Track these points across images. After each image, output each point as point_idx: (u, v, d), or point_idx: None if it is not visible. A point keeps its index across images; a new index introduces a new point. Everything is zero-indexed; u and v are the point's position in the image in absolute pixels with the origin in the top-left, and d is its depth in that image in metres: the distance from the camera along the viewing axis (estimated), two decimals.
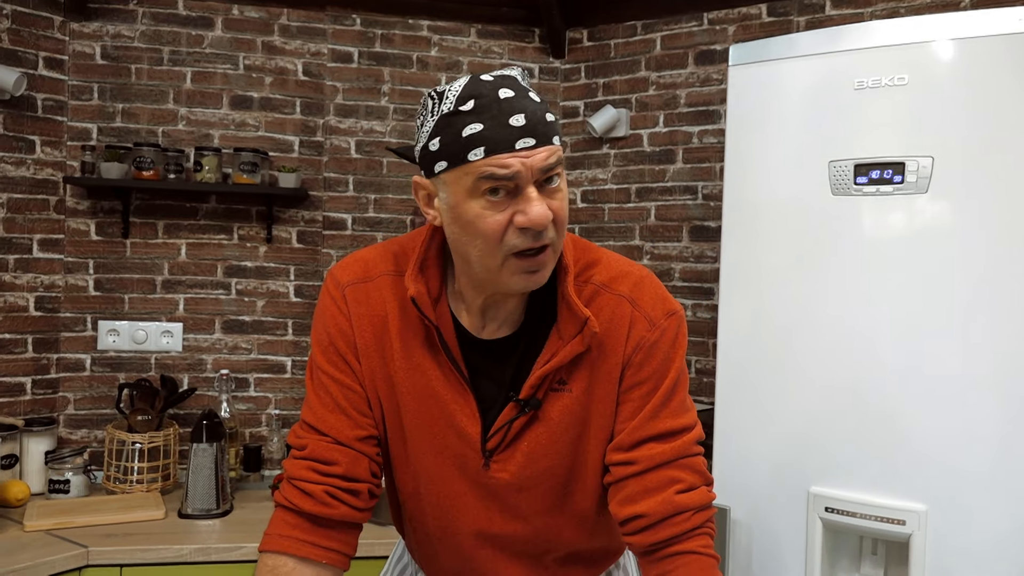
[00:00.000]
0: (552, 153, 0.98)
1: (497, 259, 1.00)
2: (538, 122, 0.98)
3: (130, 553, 2.04)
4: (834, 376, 1.77)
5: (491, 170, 0.96)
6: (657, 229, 2.74)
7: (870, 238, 1.73)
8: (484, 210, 0.98)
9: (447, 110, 0.98)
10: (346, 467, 1.11)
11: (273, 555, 1.09)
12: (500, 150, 0.96)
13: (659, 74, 2.74)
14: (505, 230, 0.98)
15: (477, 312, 1.11)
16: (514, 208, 0.98)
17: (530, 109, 0.98)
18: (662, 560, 1.07)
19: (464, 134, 0.97)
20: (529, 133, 0.97)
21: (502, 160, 0.96)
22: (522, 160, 0.96)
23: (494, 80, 0.99)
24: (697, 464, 1.11)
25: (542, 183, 0.99)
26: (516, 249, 0.99)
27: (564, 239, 1.05)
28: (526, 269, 1.01)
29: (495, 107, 0.97)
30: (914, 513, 1.66)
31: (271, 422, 2.71)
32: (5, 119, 2.45)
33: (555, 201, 1.00)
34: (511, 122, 0.96)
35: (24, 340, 2.53)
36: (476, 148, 0.96)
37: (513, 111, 0.97)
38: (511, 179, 0.96)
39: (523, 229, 0.98)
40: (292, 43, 2.74)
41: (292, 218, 2.75)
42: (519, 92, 0.99)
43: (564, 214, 1.02)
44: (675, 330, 1.12)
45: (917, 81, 1.68)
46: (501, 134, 0.96)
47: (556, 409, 1.11)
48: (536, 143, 0.97)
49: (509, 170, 0.96)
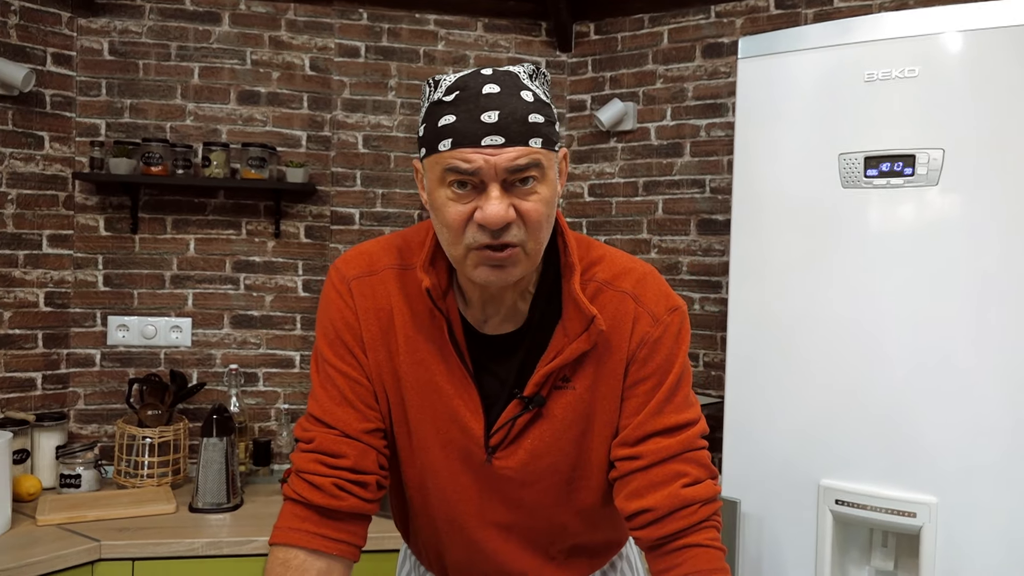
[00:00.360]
0: (524, 155, 0.97)
1: (460, 250, 1.01)
2: (514, 121, 0.96)
3: (142, 547, 2.05)
4: (844, 369, 1.77)
5: (454, 163, 0.96)
6: (665, 223, 2.74)
7: (880, 231, 1.73)
8: (449, 200, 0.99)
9: (436, 99, 0.99)
10: (354, 460, 1.11)
11: (284, 548, 1.09)
12: (465, 144, 0.96)
13: (666, 67, 2.73)
14: (466, 222, 0.99)
15: (478, 306, 1.11)
16: (476, 203, 0.98)
17: (509, 108, 0.96)
18: (670, 554, 1.08)
19: (439, 124, 0.98)
20: (499, 131, 0.96)
21: (465, 154, 0.96)
22: (486, 157, 0.95)
23: (490, 75, 0.99)
24: (702, 458, 1.11)
25: (513, 183, 0.98)
26: (476, 244, 0.99)
27: (540, 240, 1.03)
28: (487, 262, 1.00)
29: (472, 101, 0.96)
30: (924, 505, 1.66)
31: (280, 416, 2.72)
32: (14, 115, 2.45)
33: (526, 203, 0.99)
34: (483, 118, 0.96)
35: (34, 336, 2.54)
36: (445, 139, 0.97)
37: (489, 107, 0.96)
38: (473, 174, 0.96)
39: (481, 226, 0.98)
40: (299, 38, 2.74)
41: (300, 213, 2.75)
42: (508, 89, 0.98)
43: (537, 216, 1.00)
44: (678, 325, 1.12)
45: (928, 73, 1.68)
46: (469, 128, 0.96)
47: (560, 406, 1.11)
48: (505, 142, 0.96)
49: (471, 165, 0.96)
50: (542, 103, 1.00)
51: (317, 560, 1.09)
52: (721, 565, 1.08)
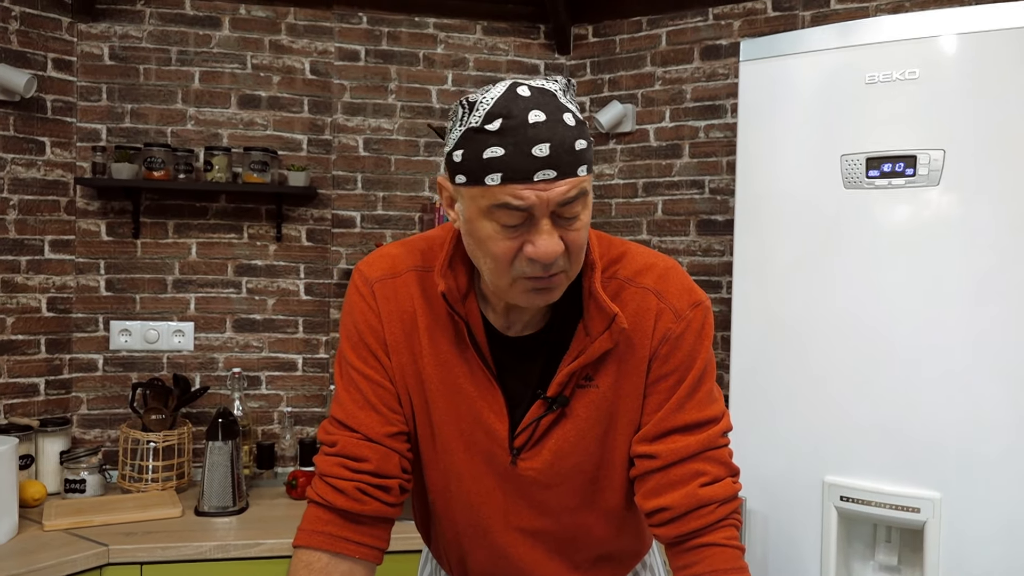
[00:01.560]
0: (574, 186, 0.94)
1: (506, 280, 1.00)
2: (564, 152, 0.93)
3: (151, 551, 2.06)
4: (847, 367, 1.79)
5: (506, 199, 0.93)
6: (664, 223, 2.76)
7: (882, 231, 1.76)
8: (495, 233, 0.96)
9: (474, 123, 0.94)
10: (376, 464, 1.11)
11: (307, 551, 1.10)
12: (517, 179, 0.92)
13: (665, 69, 2.75)
14: (514, 256, 0.97)
15: (502, 312, 1.11)
16: (525, 237, 0.96)
17: (558, 138, 0.93)
18: (688, 552, 1.09)
19: (484, 156, 0.93)
20: (551, 165, 0.92)
21: (517, 191, 0.92)
22: (538, 193, 0.93)
23: (530, 97, 0.94)
24: (723, 456, 1.11)
25: (560, 214, 0.96)
26: (524, 275, 0.98)
27: (581, 262, 1.03)
28: (535, 288, 1.00)
29: (520, 132, 0.92)
30: (928, 501, 1.69)
31: (283, 420, 2.72)
32: (15, 121, 2.45)
33: (571, 232, 0.97)
34: (534, 152, 0.91)
35: (37, 341, 2.54)
36: (494, 173, 0.93)
37: (539, 139, 0.92)
38: (525, 211, 0.94)
39: (531, 260, 0.96)
40: (299, 42, 2.75)
41: (301, 216, 2.76)
42: (552, 116, 0.93)
43: (580, 243, 0.99)
44: (701, 321, 1.11)
45: (928, 75, 1.71)
46: (521, 163, 0.92)
47: (583, 405, 1.11)
48: (557, 175, 0.93)
49: (524, 202, 0.93)
50: (581, 124, 0.97)
51: (340, 563, 1.09)
52: (738, 564, 1.08)
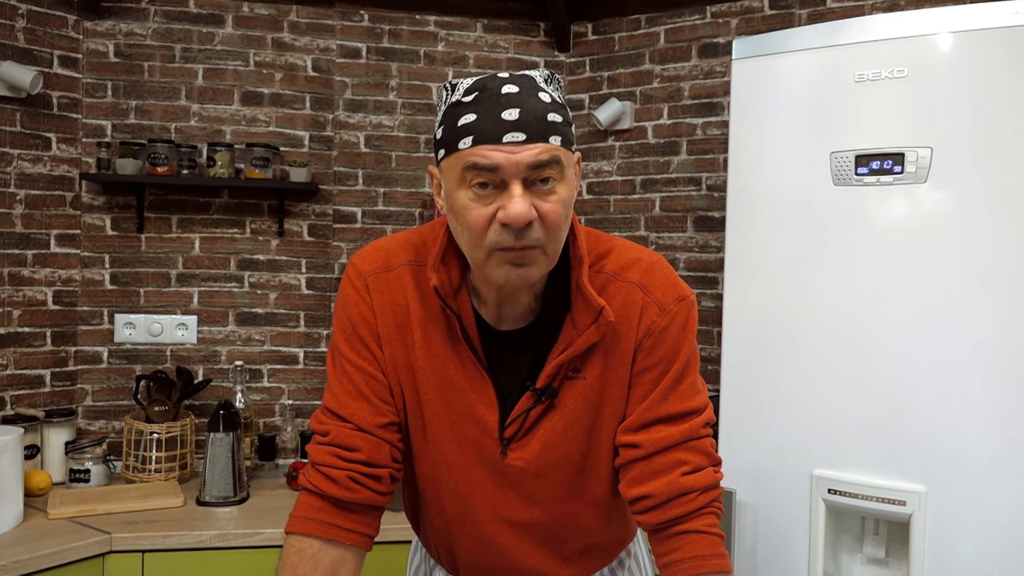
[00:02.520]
0: (546, 151, 0.97)
1: (482, 252, 1.02)
2: (534, 119, 0.97)
3: (152, 539, 2.10)
4: (836, 361, 1.81)
5: (474, 159, 0.97)
6: (662, 220, 2.78)
7: (871, 227, 1.78)
8: (470, 201, 0.99)
9: (454, 100, 1.00)
10: (368, 453, 1.13)
11: (299, 537, 1.12)
12: (486, 140, 0.96)
13: (663, 67, 2.78)
14: (488, 224, 0.99)
15: (493, 306, 1.13)
16: (498, 203, 0.98)
17: (529, 105, 0.97)
18: (669, 539, 1.12)
19: (459, 123, 0.98)
20: (520, 128, 0.96)
21: (485, 151, 0.96)
22: (507, 154, 0.96)
23: (507, 77, 1.00)
24: (704, 445, 1.14)
25: (534, 182, 0.98)
26: (499, 245, 1.00)
27: (559, 241, 1.04)
28: (510, 261, 1.01)
29: (492, 100, 0.97)
30: (914, 494, 1.71)
31: (285, 412, 2.76)
32: (22, 117, 2.50)
33: (546, 203, 0.99)
34: (503, 115, 0.96)
35: (43, 333, 2.58)
36: (466, 136, 0.97)
37: (509, 105, 0.97)
38: (493, 171, 0.97)
39: (504, 225, 0.98)
40: (301, 39, 2.78)
41: (303, 212, 2.80)
42: (526, 89, 0.99)
43: (556, 218, 1.00)
44: (685, 314, 1.14)
45: (916, 73, 1.73)
46: (490, 125, 0.96)
47: (571, 397, 1.13)
48: (527, 139, 0.96)
49: (490, 161, 0.96)
50: (559, 104, 1.02)
51: (331, 549, 1.12)
52: (718, 551, 1.10)
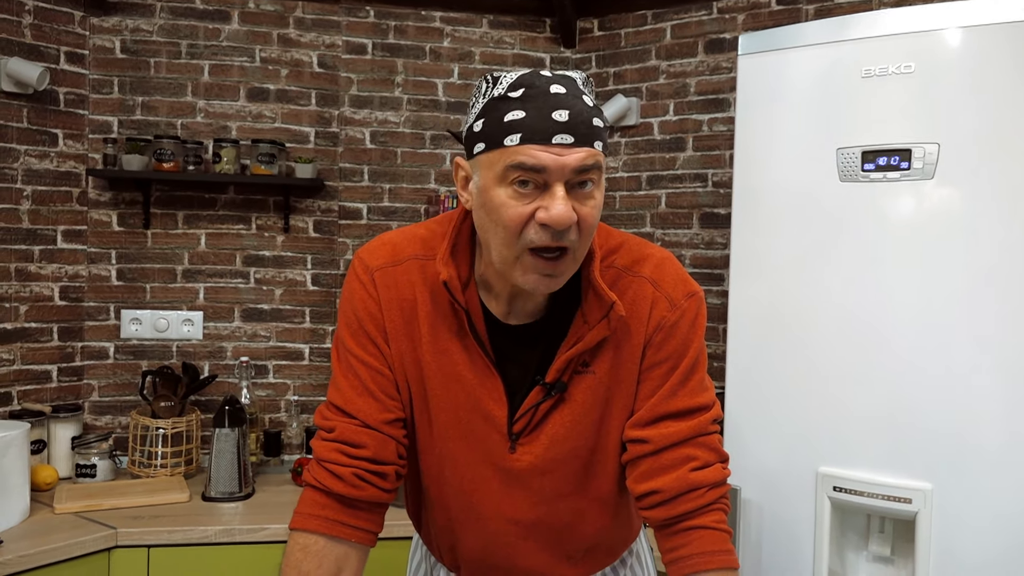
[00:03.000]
0: (590, 155, 0.97)
1: (513, 251, 1.01)
2: (582, 122, 0.97)
3: (157, 534, 2.11)
4: (842, 358, 1.80)
5: (522, 159, 0.96)
6: (668, 216, 2.78)
7: (877, 223, 1.77)
8: (509, 199, 0.98)
9: (497, 94, 0.99)
10: (374, 450, 1.13)
11: (304, 533, 1.12)
12: (536, 140, 0.96)
13: (669, 63, 2.77)
14: (526, 223, 0.98)
15: (504, 300, 1.12)
16: (539, 203, 0.97)
17: (577, 108, 0.97)
18: (676, 534, 1.11)
19: (506, 119, 0.97)
20: (569, 130, 0.96)
21: (534, 151, 0.96)
22: (555, 156, 0.96)
23: (551, 76, 1.00)
24: (713, 442, 1.13)
25: (574, 185, 0.98)
26: (533, 244, 0.99)
27: (588, 245, 1.04)
28: (540, 271, 1.01)
29: (542, 98, 0.97)
30: (920, 492, 1.70)
31: (290, 408, 2.77)
32: (29, 113, 2.50)
33: (584, 207, 0.99)
34: (554, 115, 0.96)
35: (50, 329, 2.59)
36: (513, 134, 0.96)
37: (559, 106, 0.96)
38: (540, 172, 0.96)
39: (543, 225, 0.97)
40: (307, 35, 2.78)
41: (308, 208, 2.80)
42: (572, 91, 0.99)
43: (592, 222, 1.01)
44: (695, 310, 1.14)
45: (923, 69, 1.71)
46: (540, 125, 0.96)
47: (580, 391, 1.13)
48: (575, 142, 0.96)
49: (538, 161, 0.96)
50: (599, 109, 1.02)
51: (336, 546, 1.11)
52: (725, 547, 1.10)
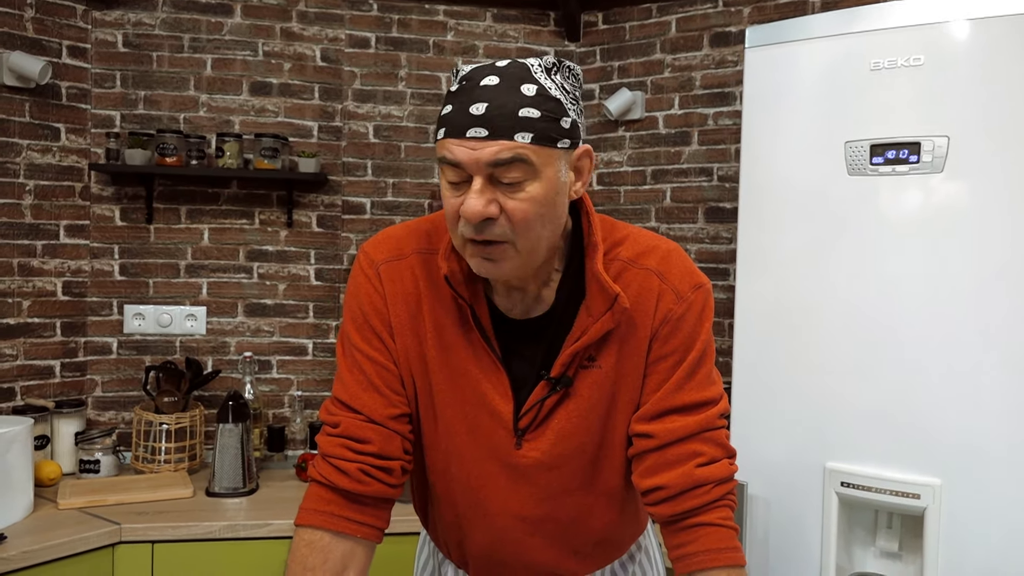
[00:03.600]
0: (507, 149, 0.94)
1: (457, 240, 1.03)
2: (500, 115, 0.94)
3: (161, 530, 2.10)
4: (850, 354, 1.79)
5: (443, 153, 0.98)
6: (673, 211, 2.76)
7: (886, 217, 1.75)
8: (446, 191, 1.00)
9: (451, 87, 1.01)
10: (379, 445, 1.12)
11: (309, 529, 1.11)
12: (452, 135, 0.96)
13: (674, 56, 2.75)
14: (457, 215, 0.99)
15: (503, 293, 1.11)
16: (463, 196, 0.98)
17: (499, 100, 0.94)
18: (682, 531, 1.10)
19: (442, 112, 0.99)
20: (484, 123, 0.94)
21: (451, 145, 0.96)
22: (468, 150, 0.95)
23: (502, 66, 0.98)
24: (719, 437, 1.12)
25: (500, 179, 0.96)
26: (465, 236, 1.00)
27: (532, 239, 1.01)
28: (479, 254, 1.01)
29: (467, 93, 0.96)
30: (928, 487, 1.69)
31: (294, 403, 2.76)
32: (31, 107, 2.49)
33: (511, 200, 0.97)
34: (471, 109, 0.95)
35: (53, 324, 2.58)
36: (440, 128, 0.99)
37: (480, 99, 0.95)
38: (457, 166, 0.97)
39: (463, 218, 0.98)
40: (310, 29, 2.77)
41: (312, 202, 2.79)
42: (505, 82, 0.96)
43: (523, 215, 0.97)
44: (702, 303, 1.13)
45: (933, 61, 1.70)
46: (457, 120, 0.96)
47: (586, 386, 1.12)
48: (489, 135, 0.94)
49: (453, 156, 0.96)
50: (546, 98, 0.97)
51: (342, 542, 1.10)
52: (732, 544, 1.09)
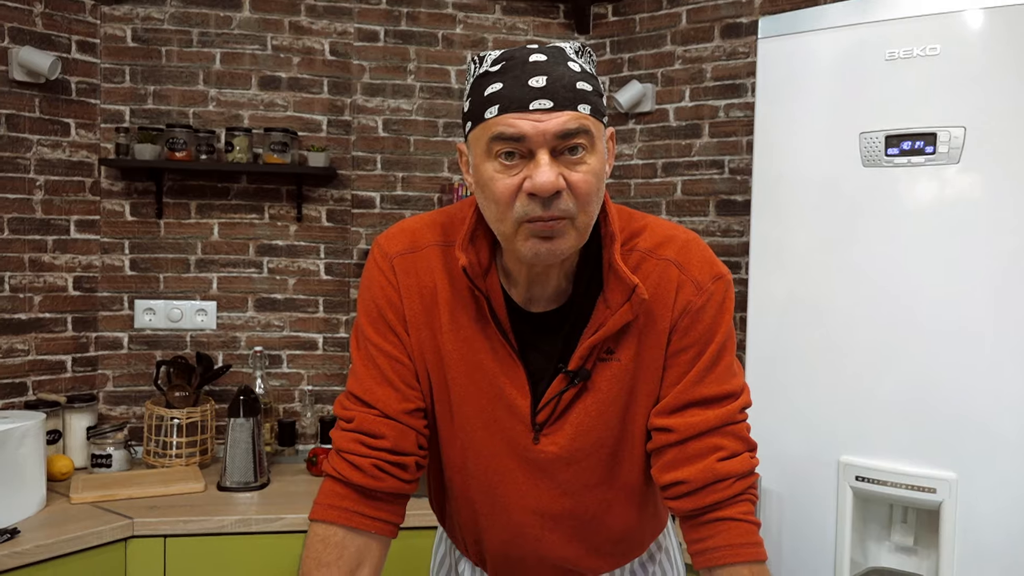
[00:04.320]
0: (574, 119, 0.94)
1: (509, 225, 0.99)
2: (562, 86, 0.95)
3: (173, 524, 2.10)
4: (864, 347, 1.78)
5: (501, 128, 0.95)
6: (683, 204, 2.75)
7: (901, 209, 1.74)
8: (496, 173, 0.97)
9: (482, 71, 0.98)
10: (394, 441, 1.10)
11: (323, 524, 1.10)
12: (512, 109, 0.94)
13: (685, 48, 2.73)
14: (515, 195, 0.96)
15: (524, 286, 1.09)
16: (525, 173, 0.95)
17: (556, 73, 0.95)
18: (703, 526, 1.09)
19: (486, 93, 0.96)
20: (547, 95, 0.94)
21: (511, 120, 0.94)
22: (533, 122, 0.94)
23: (535, 47, 0.98)
24: (740, 431, 1.10)
25: (562, 151, 0.96)
26: (526, 217, 0.97)
27: (590, 214, 1.00)
28: (537, 234, 0.97)
29: (519, 68, 0.95)
30: (944, 481, 1.68)
31: (304, 398, 2.76)
32: (41, 102, 2.49)
33: (575, 173, 0.96)
34: (530, 82, 0.94)
35: (64, 319, 2.59)
36: (492, 106, 0.95)
37: (536, 72, 0.95)
38: (520, 140, 0.94)
39: (532, 195, 0.95)
40: (319, 23, 2.76)
41: (321, 197, 2.78)
42: (554, 58, 0.97)
43: (587, 187, 0.97)
44: (723, 294, 1.10)
45: (949, 51, 1.68)
46: (517, 93, 0.94)
47: (605, 379, 1.10)
48: (554, 106, 0.94)
49: (516, 130, 0.94)
50: (589, 74, 0.99)
51: (356, 537, 1.10)
52: (754, 539, 1.08)
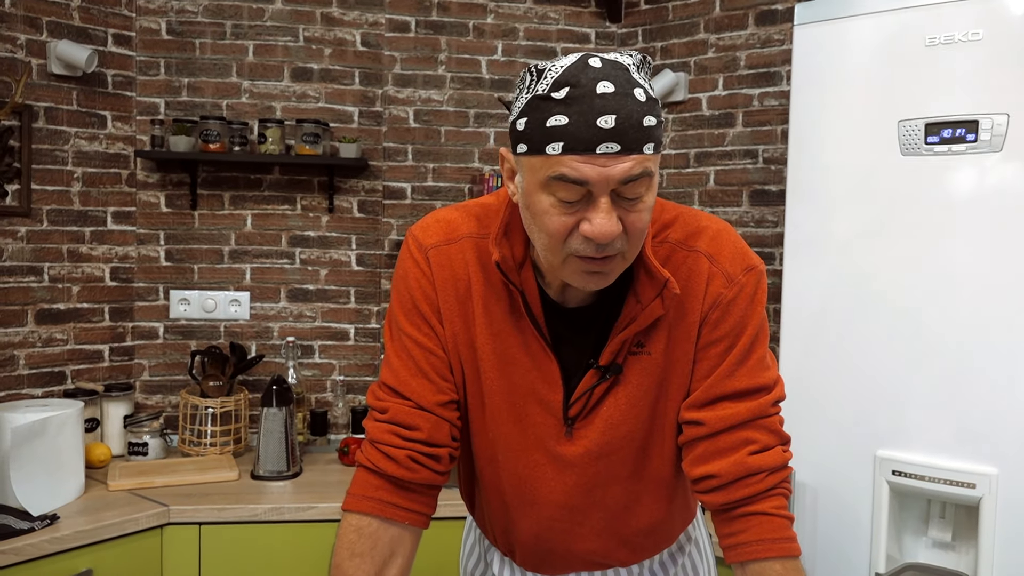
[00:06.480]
0: (638, 163, 0.91)
1: (559, 257, 0.97)
2: (631, 127, 0.89)
3: (208, 512, 2.13)
4: (902, 338, 1.75)
5: (564, 171, 0.90)
6: (716, 194, 2.72)
7: (941, 199, 1.70)
8: (552, 208, 0.93)
9: (541, 91, 0.92)
10: (428, 432, 1.10)
11: (357, 515, 1.10)
12: (579, 150, 0.89)
13: (718, 36, 2.70)
14: (569, 233, 0.94)
15: (558, 286, 1.09)
16: (582, 214, 0.93)
17: (626, 111, 0.89)
18: (735, 520, 1.08)
19: (548, 124, 0.90)
20: (615, 138, 0.89)
21: (576, 163, 0.89)
22: (599, 168, 0.89)
23: (600, 67, 0.91)
24: (773, 424, 1.09)
25: (621, 193, 0.93)
26: (578, 253, 0.95)
27: (639, 246, 0.99)
28: (588, 270, 0.97)
29: (586, 101, 0.89)
30: (985, 476, 1.65)
31: (336, 388, 2.78)
32: (78, 95, 2.53)
33: (632, 214, 0.94)
34: (599, 123, 0.88)
35: (101, 309, 2.63)
36: (555, 142, 0.90)
37: (605, 111, 0.89)
38: (583, 184, 0.91)
39: (586, 238, 0.93)
40: (350, 14, 2.76)
41: (353, 188, 2.79)
42: (621, 88, 0.90)
43: (641, 226, 0.95)
44: (754, 285, 1.08)
45: (992, 36, 1.64)
46: (584, 134, 0.89)
47: (635, 372, 1.09)
48: (621, 150, 0.89)
49: (580, 175, 0.90)
50: (653, 101, 0.93)
51: (389, 528, 1.10)
52: (786, 534, 1.06)
